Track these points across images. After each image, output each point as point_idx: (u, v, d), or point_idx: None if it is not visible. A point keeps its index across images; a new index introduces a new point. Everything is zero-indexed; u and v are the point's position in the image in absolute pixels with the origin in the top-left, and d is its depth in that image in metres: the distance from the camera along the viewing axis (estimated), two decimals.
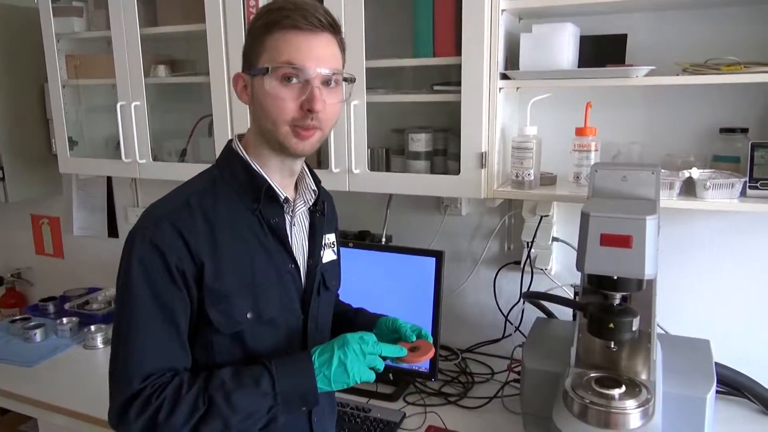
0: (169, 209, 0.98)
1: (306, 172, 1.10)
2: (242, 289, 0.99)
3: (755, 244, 1.57)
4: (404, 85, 1.76)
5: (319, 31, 0.95)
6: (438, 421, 1.52)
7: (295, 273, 1.06)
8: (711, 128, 1.52)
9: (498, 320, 1.87)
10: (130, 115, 1.87)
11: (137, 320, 0.93)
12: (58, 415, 1.66)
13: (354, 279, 1.72)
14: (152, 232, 0.94)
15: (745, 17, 1.46)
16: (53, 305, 2.31)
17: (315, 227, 1.11)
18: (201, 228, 0.97)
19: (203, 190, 1.01)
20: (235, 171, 1.02)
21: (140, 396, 0.92)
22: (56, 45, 1.99)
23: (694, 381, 1.28)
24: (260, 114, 0.98)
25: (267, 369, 0.94)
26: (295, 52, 0.94)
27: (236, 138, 1.06)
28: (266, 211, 1.02)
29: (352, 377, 0.96)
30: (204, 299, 0.96)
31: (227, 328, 0.98)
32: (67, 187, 2.55)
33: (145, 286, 0.93)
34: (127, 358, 0.94)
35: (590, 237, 1.11)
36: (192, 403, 0.91)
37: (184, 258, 0.94)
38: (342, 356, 0.95)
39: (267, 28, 0.95)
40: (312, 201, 1.10)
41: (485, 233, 1.89)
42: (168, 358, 0.95)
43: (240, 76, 1.01)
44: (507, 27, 1.48)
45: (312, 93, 0.94)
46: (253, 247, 1.01)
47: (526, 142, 1.48)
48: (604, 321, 1.17)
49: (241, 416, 0.92)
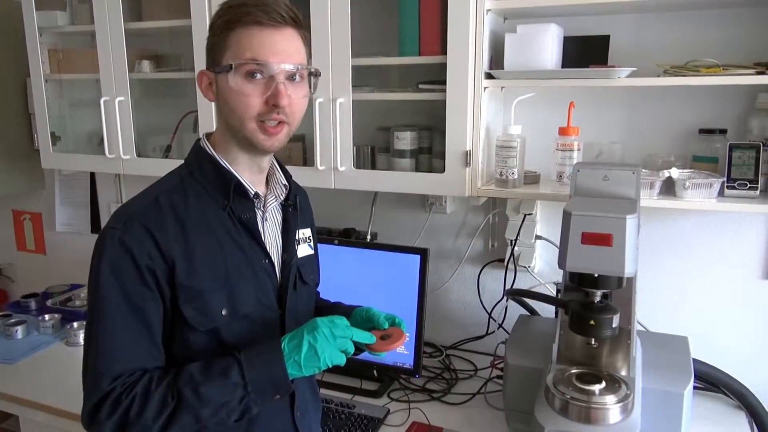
0: (138, 209, 0.98)
1: (276, 167, 1.11)
2: (216, 286, 0.99)
3: (732, 243, 1.60)
4: (390, 84, 1.76)
5: (282, 26, 0.95)
6: (422, 417, 1.53)
7: (269, 268, 1.06)
8: (691, 129, 1.55)
9: (481, 317, 1.88)
10: (114, 111, 1.86)
11: (106, 321, 0.94)
12: (40, 412, 1.65)
13: (339, 276, 1.73)
14: (122, 232, 0.94)
15: (724, 20, 1.48)
16: (35, 302, 2.28)
17: (288, 222, 1.11)
18: (171, 226, 0.97)
19: (173, 189, 1.01)
20: (204, 169, 1.03)
21: (110, 396, 0.92)
22: (39, 39, 1.97)
23: (673, 377, 1.30)
24: (226, 111, 0.98)
25: (236, 359, 0.94)
26: (257, 48, 0.94)
27: (204, 137, 1.06)
28: (237, 208, 1.02)
29: (323, 361, 0.95)
30: (178, 297, 0.96)
31: (202, 324, 0.98)
32: (49, 182, 2.53)
33: (114, 287, 0.93)
34: (97, 359, 0.94)
35: (572, 235, 1.13)
36: (161, 398, 0.91)
37: (155, 257, 0.94)
38: (312, 340, 0.95)
39: (229, 24, 0.95)
40: (283, 196, 1.10)
41: (469, 231, 1.90)
42: (138, 358, 0.95)
43: (204, 73, 1.01)
44: (492, 27, 1.49)
45: (277, 88, 0.95)
46: (225, 243, 1.01)
47: (511, 141, 1.49)
48: (585, 318, 1.19)
49: (212, 408, 0.92)
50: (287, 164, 1.16)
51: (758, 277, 1.59)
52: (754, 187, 1.34)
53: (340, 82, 1.55)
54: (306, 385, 1.14)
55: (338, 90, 1.56)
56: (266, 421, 1.04)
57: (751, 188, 1.34)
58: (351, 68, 1.54)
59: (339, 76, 1.55)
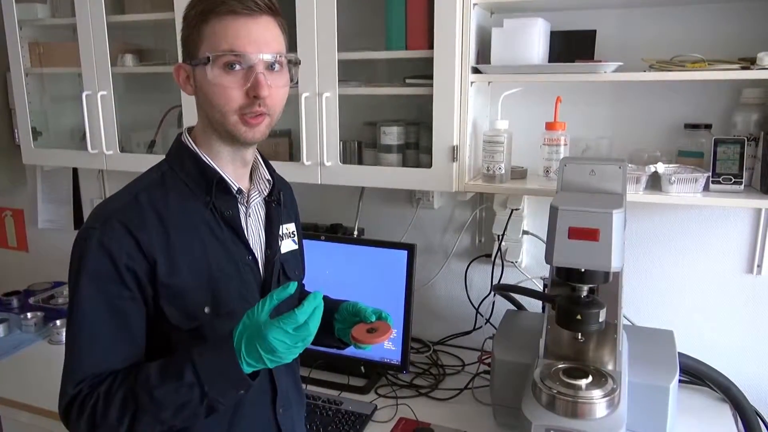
0: (117, 207, 0.96)
1: (260, 161, 1.09)
2: (198, 284, 0.97)
3: (717, 238, 1.61)
4: (377, 78, 1.75)
5: (258, 15, 0.93)
6: (409, 413, 1.53)
7: (253, 265, 1.05)
8: (676, 124, 1.56)
9: (469, 312, 1.88)
10: (96, 105, 1.83)
11: (83, 325, 0.92)
12: (23, 412, 1.63)
13: (326, 272, 1.72)
14: (100, 232, 0.92)
15: (710, 16, 1.49)
16: (17, 300, 2.24)
17: (271, 217, 1.09)
18: (152, 224, 0.95)
19: (153, 186, 0.99)
20: (185, 164, 1.01)
21: (77, 398, 0.91)
22: (18, 32, 1.93)
23: (658, 371, 1.31)
24: (207, 105, 0.96)
25: (190, 359, 0.89)
26: (234, 39, 0.91)
27: (186, 131, 1.04)
28: (219, 204, 1.01)
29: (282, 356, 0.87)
30: (159, 296, 0.95)
31: (184, 324, 0.97)
32: (31, 178, 2.49)
33: (93, 291, 0.92)
34: (72, 358, 0.93)
35: (559, 230, 1.13)
36: (122, 401, 0.90)
37: (135, 257, 0.93)
38: (264, 351, 0.86)
39: (203, 15, 0.93)
40: (267, 191, 1.09)
41: (457, 226, 1.90)
42: (112, 361, 0.93)
43: (181, 67, 0.99)
44: (479, 21, 1.49)
45: (257, 79, 0.92)
46: (208, 240, 0.99)
47: (497, 136, 1.49)
48: (572, 313, 1.19)
49: (171, 411, 0.89)
50: (273, 159, 1.15)
51: (743, 271, 1.60)
52: (738, 182, 1.35)
53: (327, 77, 1.54)
54: (289, 380, 1.13)
55: (324, 84, 1.55)
56: (247, 417, 1.03)
57: (735, 183, 1.35)
58: (337, 62, 1.52)
59: (325, 70, 1.54)
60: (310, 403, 1.55)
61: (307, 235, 1.76)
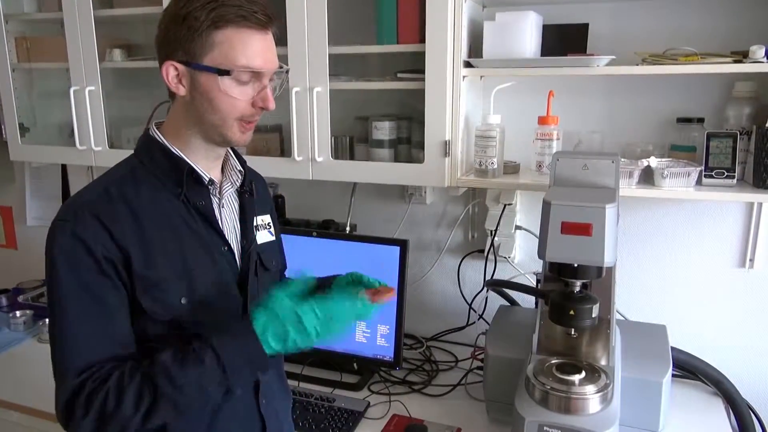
0: (87, 200, 0.96)
1: (231, 153, 1.10)
2: (175, 275, 0.97)
3: (710, 232, 1.61)
4: (368, 73, 1.74)
5: (268, 29, 0.96)
6: (402, 409, 1.52)
7: (229, 255, 1.05)
8: (669, 118, 1.55)
9: (462, 308, 1.88)
10: (84, 101, 1.81)
11: (67, 317, 0.92)
12: (13, 412, 1.61)
13: (318, 269, 1.70)
14: (73, 224, 0.92)
15: (702, 9, 1.48)
16: (6, 298, 2.23)
17: (245, 208, 1.10)
18: (124, 217, 0.95)
19: (123, 179, 0.99)
20: (155, 157, 1.01)
21: (82, 393, 0.89)
22: (5, 26, 1.90)
23: (651, 366, 1.31)
24: (206, 109, 0.97)
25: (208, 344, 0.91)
26: (253, 56, 0.94)
27: (154, 126, 1.04)
28: (192, 195, 1.01)
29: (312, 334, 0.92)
30: (135, 288, 0.95)
31: (161, 315, 0.97)
32: (19, 175, 2.46)
33: (71, 281, 0.91)
34: (63, 355, 0.92)
35: (551, 225, 1.12)
36: (137, 392, 0.89)
37: (109, 248, 0.93)
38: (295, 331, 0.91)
39: (216, 21, 0.92)
40: (239, 182, 1.10)
41: (449, 222, 1.89)
42: (103, 350, 0.92)
43: (173, 65, 0.97)
44: (471, 15, 1.48)
45: (266, 93, 0.98)
46: (182, 232, 1.00)
47: (490, 131, 1.48)
48: (565, 308, 1.19)
49: (191, 396, 0.90)
50: (264, 155, 1.14)
51: (735, 266, 1.60)
52: (731, 176, 1.35)
53: (317, 71, 1.52)
54: (272, 371, 1.12)
55: (315, 79, 1.53)
56: (230, 408, 1.03)
57: (728, 177, 1.35)
58: (328, 57, 1.51)
59: (316, 64, 1.52)
60: (302, 400, 1.54)
61: (299, 231, 1.76)
